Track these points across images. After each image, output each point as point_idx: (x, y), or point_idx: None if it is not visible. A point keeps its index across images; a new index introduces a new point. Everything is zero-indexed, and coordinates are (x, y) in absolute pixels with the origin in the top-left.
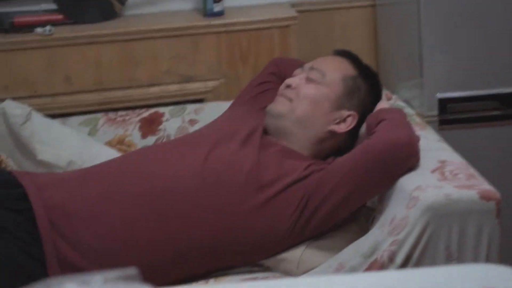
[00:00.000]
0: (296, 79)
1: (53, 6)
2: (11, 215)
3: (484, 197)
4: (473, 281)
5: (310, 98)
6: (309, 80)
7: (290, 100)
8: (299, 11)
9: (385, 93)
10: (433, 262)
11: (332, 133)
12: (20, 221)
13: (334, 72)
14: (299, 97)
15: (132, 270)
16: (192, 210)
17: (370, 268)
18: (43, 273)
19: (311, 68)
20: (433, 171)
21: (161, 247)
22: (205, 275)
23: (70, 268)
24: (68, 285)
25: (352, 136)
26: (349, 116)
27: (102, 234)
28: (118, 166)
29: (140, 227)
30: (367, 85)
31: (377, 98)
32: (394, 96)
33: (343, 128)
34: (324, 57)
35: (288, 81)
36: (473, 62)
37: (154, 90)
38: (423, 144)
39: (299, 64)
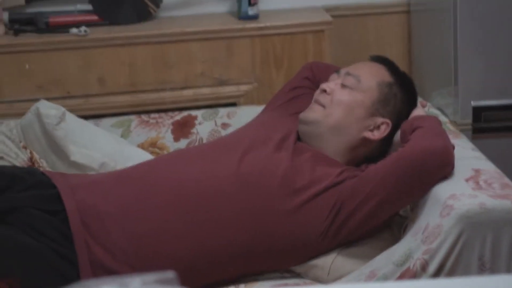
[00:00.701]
0: (331, 84)
1: (88, 6)
2: (45, 216)
3: None
4: None
5: (344, 104)
6: (344, 86)
7: (324, 106)
8: (333, 16)
9: (419, 100)
10: (466, 272)
11: (366, 140)
12: (53, 222)
13: (370, 78)
14: (333, 103)
15: (170, 274)
16: (225, 214)
17: (402, 276)
18: (75, 274)
19: (347, 74)
20: (467, 180)
21: (193, 251)
22: (236, 281)
23: (102, 269)
24: (106, 287)
25: (386, 143)
26: (383, 123)
27: (134, 236)
28: (151, 169)
29: (173, 230)
30: (402, 92)
31: (412, 106)
32: (428, 104)
33: (376, 135)
34: (360, 62)
35: (323, 86)
36: (509, 70)
37: (187, 93)
38: (457, 153)
39: (334, 69)
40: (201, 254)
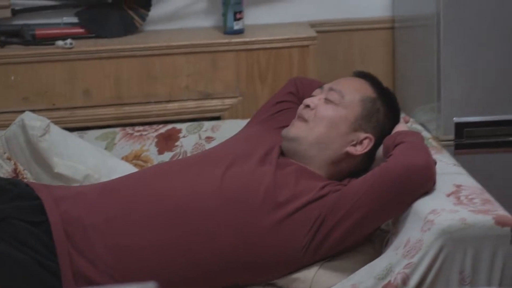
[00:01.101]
0: (314, 100)
1: (74, 19)
2: (28, 227)
3: (499, 222)
4: None
5: (328, 119)
6: (327, 101)
7: (307, 121)
8: (319, 31)
9: (402, 116)
10: (446, 286)
11: (349, 155)
12: (37, 233)
13: (353, 93)
14: (316, 118)
15: (150, 285)
16: (208, 228)
17: None
18: (58, 285)
19: (330, 89)
20: (448, 195)
21: (175, 264)
22: None
23: (85, 281)
24: None
25: (369, 158)
26: (365, 138)
27: (117, 249)
28: (135, 182)
29: (155, 243)
30: (385, 107)
31: (395, 121)
32: (411, 119)
33: (359, 150)
34: (344, 78)
35: (306, 101)
36: (491, 87)
37: (172, 106)
38: (439, 168)
39: (318, 85)
40: (183, 267)
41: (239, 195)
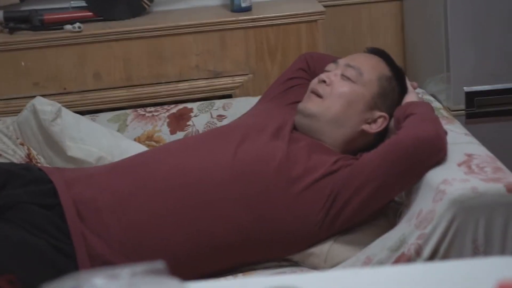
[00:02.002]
0: (330, 75)
1: (82, 3)
2: (42, 211)
3: (511, 190)
4: (500, 273)
5: (345, 97)
6: (344, 77)
7: (322, 97)
8: (326, 6)
9: (410, 82)
10: (460, 256)
11: (363, 133)
12: (50, 217)
13: (371, 71)
14: (332, 95)
15: (159, 264)
16: (222, 203)
17: (397, 261)
18: (73, 268)
19: (347, 65)
20: (459, 165)
21: (190, 240)
22: (233, 270)
23: (100, 262)
24: (96, 278)
25: (382, 134)
26: (380, 117)
27: (131, 227)
28: (147, 160)
29: (170, 220)
30: (399, 86)
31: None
32: (421, 90)
33: (374, 128)
34: (359, 54)
35: (322, 76)
36: (500, 56)
37: (183, 86)
38: (450, 138)
39: (330, 60)
40: (199, 243)
41: (252, 169)
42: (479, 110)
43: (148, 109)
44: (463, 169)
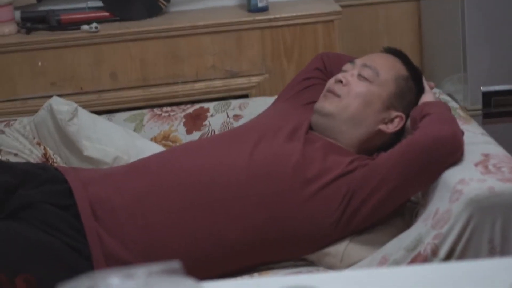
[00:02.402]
0: (347, 75)
1: (99, 3)
2: (57, 210)
3: None
4: None
5: (362, 96)
6: (361, 77)
7: (339, 96)
8: (343, 6)
9: (427, 82)
10: (476, 256)
11: (380, 132)
12: (66, 217)
13: (388, 71)
14: (349, 95)
15: (175, 264)
16: (237, 204)
17: (413, 261)
18: (89, 267)
19: (364, 65)
20: (476, 165)
21: (206, 241)
22: (249, 270)
23: (116, 261)
24: (112, 278)
25: (398, 135)
26: (397, 117)
27: (147, 227)
28: (163, 160)
29: (186, 220)
30: (416, 86)
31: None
32: (438, 90)
33: (390, 128)
34: (376, 54)
35: (339, 76)
36: None
37: (199, 85)
38: (467, 138)
39: (346, 60)
40: (215, 244)
41: (268, 170)
42: (496, 110)
43: (165, 109)
44: (480, 169)
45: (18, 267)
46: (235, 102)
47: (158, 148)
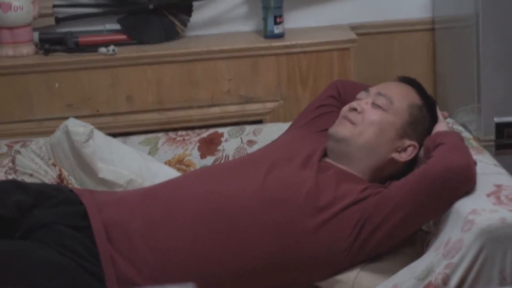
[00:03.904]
0: (362, 103)
1: (117, 26)
2: (72, 232)
3: None
4: None
5: (377, 124)
6: (375, 105)
7: (354, 124)
8: (359, 34)
9: (441, 112)
10: (487, 286)
11: (393, 161)
12: (80, 238)
13: (402, 100)
14: (364, 123)
15: (189, 286)
16: (251, 230)
17: None
18: None
19: (378, 94)
20: (488, 195)
21: (218, 266)
22: None
23: (128, 284)
24: None
25: (410, 162)
26: (410, 145)
27: (161, 253)
28: (178, 186)
29: (198, 246)
30: (430, 115)
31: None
32: (452, 120)
33: (404, 157)
34: (390, 82)
35: (353, 104)
36: None
37: (214, 110)
38: (479, 168)
39: (361, 88)
40: (227, 269)
41: (280, 197)
42: (508, 141)
43: (179, 132)
44: (492, 200)
45: (32, 287)
46: (249, 128)
47: (172, 172)
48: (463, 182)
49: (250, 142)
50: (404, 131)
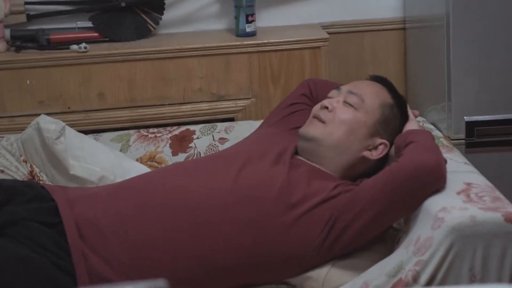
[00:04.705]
0: (333, 102)
1: (88, 24)
2: (43, 228)
3: (509, 219)
4: None
5: (347, 123)
6: (346, 104)
7: (325, 122)
8: (330, 33)
9: (411, 110)
10: (456, 283)
11: (364, 159)
12: (52, 235)
13: (373, 98)
14: (335, 121)
15: (161, 282)
16: (221, 226)
17: (394, 287)
18: (73, 285)
19: (350, 92)
20: (458, 193)
21: (189, 262)
22: None
23: (100, 280)
24: None
25: (382, 160)
26: (381, 144)
27: (133, 248)
28: (149, 181)
29: (170, 241)
30: (400, 114)
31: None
32: (422, 119)
33: (375, 155)
34: (361, 81)
35: (324, 103)
36: (501, 86)
37: (186, 108)
38: (449, 166)
39: (333, 86)
40: (199, 265)
41: (253, 194)
42: (479, 139)
43: (151, 130)
44: (462, 198)
45: (3, 283)
46: (221, 125)
47: (144, 169)
48: (433, 180)
49: (222, 140)
50: (375, 130)
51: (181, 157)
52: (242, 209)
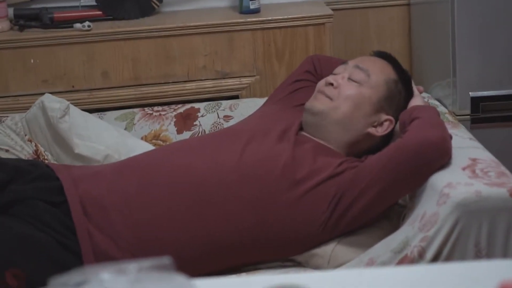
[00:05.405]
0: (338, 78)
1: (92, 2)
2: (48, 207)
3: None
4: (502, 275)
5: (352, 99)
6: (352, 79)
7: (331, 98)
8: (334, 9)
9: (416, 86)
10: (462, 258)
11: (369, 135)
12: (57, 213)
13: (379, 74)
14: (340, 97)
15: (166, 260)
16: (227, 203)
17: (400, 263)
18: (79, 264)
19: (356, 67)
20: (464, 169)
21: (194, 239)
22: (237, 269)
23: (105, 258)
24: (103, 273)
25: (387, 137)
26: (386, 120)
27: (137, 226)
28: (153, 160)
29: (175, 219)
30: (405, 90)
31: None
32: (427, 95)
33: (380, 132)
34: (366, 57)
35: (329, 79)
36: (506, 61)
37: (190, 86)
38: (454, 142)
39: (338, 62)
40: (203, 243)
41: (257, 170)
42: (484, 115)
43: (156, 108)
44: (467, 173)
45: (8, 262)
46: (225, 103)
47: (148, 147)
48: (438, 156)
49: (227, 117)
50: (380, 106)
51: (186, 135)
52: (247, 186)
